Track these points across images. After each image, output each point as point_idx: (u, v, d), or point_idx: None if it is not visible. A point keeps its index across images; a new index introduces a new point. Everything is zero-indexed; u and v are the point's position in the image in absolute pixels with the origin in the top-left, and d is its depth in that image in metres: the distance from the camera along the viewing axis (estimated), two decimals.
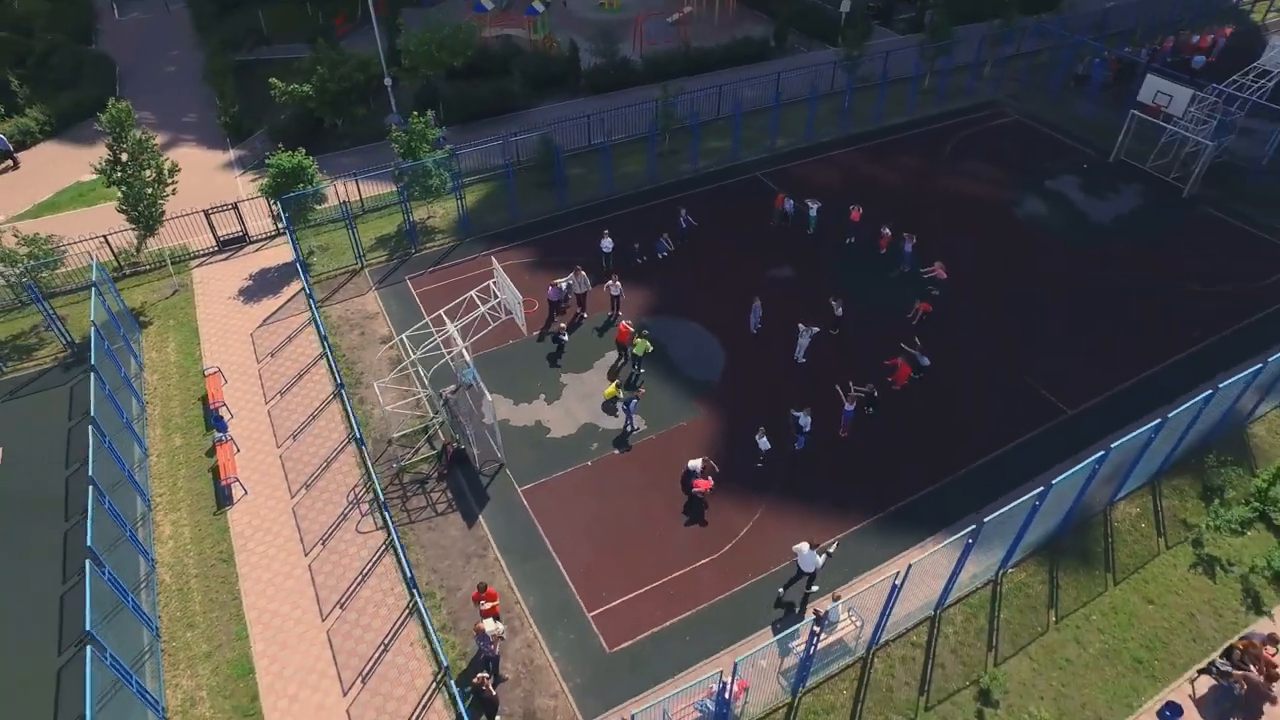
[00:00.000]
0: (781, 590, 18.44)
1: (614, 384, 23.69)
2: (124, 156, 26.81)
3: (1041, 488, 16.72)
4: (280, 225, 30.07)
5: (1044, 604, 18.68)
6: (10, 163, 36.24)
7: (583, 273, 26.20)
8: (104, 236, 28.29)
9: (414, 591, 18.45)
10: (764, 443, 21.34)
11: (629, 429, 22.69)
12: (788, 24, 47.03)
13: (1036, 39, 45.12)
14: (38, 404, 24.03)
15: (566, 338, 25.51)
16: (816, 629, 15.46)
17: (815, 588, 18.51)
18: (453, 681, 16.68)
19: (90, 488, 17.49)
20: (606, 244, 28.24)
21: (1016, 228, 31.47)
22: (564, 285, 26.30)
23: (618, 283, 26.57)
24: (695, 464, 20.64)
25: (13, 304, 27.41)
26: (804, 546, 17.96)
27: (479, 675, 16.07)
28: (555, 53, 43.75)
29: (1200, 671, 16.98)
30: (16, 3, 48.67)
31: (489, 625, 16.32)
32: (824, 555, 18.22)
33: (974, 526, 16.29)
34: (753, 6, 51.26)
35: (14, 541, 20.14)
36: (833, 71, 40.32)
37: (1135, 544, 19.95)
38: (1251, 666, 16.27)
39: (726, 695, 15.38)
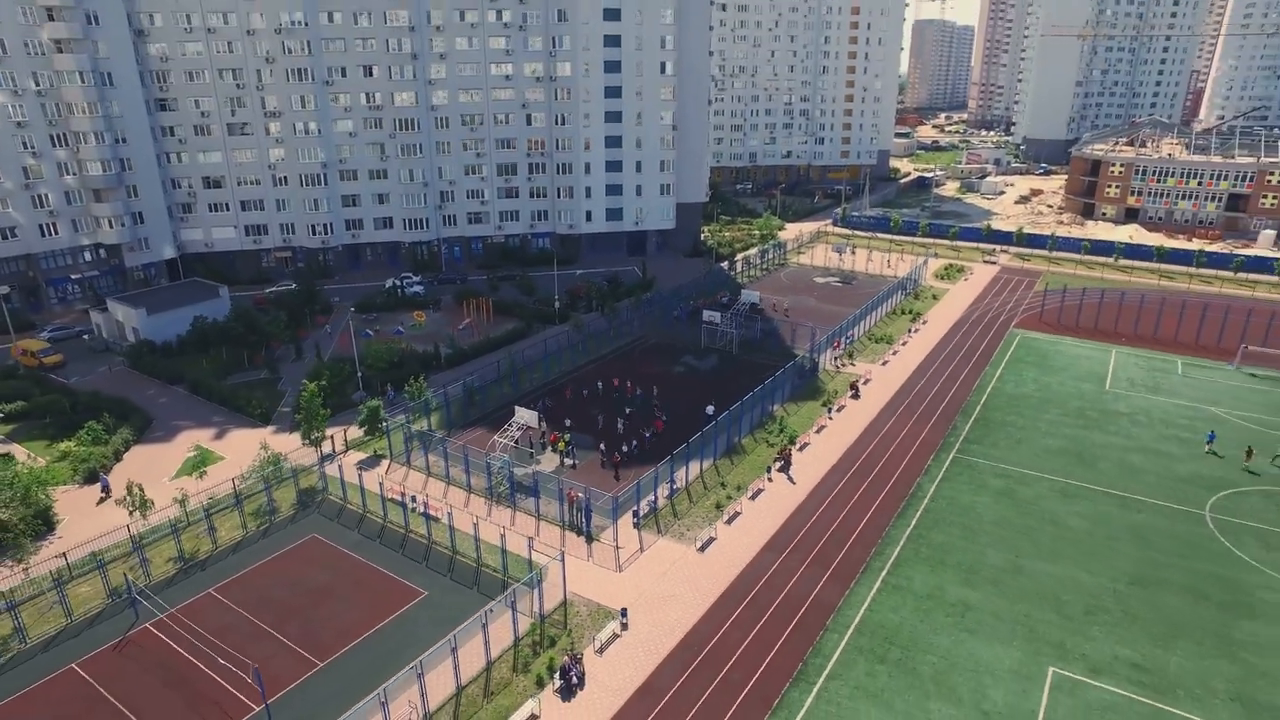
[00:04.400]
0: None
1: (562, 443, 58.70)
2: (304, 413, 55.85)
3: (715, 421, 56.32)
4: (361, 436, 60.09)
5: (739, 460, 57.48)
6: (105, 494, 56.65)
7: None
8: (276, 454, 55.69)
9: (537, 510, 50.88)
10: (631, 447, 58.09)
11: (573, 464, 57.57)
12: (531, 318, 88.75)
13: (652, 304, 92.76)
14: (310, 521, 50.98)
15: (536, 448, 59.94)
16: (668, 483, 52.19)
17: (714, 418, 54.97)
18: (570, 525, 49.60)
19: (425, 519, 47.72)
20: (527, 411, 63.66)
21: (676, 375, 74.30)
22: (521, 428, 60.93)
23: (544, 424, 62.07)
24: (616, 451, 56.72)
25: (257, 489, 52.95)
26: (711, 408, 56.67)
27: (572, 491, 49.40)
28: (410, 351, 78.99)
29: (775, 460, 57.05)
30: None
31: (580, 494, 49.93)
32: (712, 408, 57.07)
33: (712, 423, 55.10)
34: (503, 314, 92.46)
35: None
36: (568, 335, 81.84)
37: (751, 446, 60.35)
38: (784, 451, 56.88)
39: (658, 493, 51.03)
